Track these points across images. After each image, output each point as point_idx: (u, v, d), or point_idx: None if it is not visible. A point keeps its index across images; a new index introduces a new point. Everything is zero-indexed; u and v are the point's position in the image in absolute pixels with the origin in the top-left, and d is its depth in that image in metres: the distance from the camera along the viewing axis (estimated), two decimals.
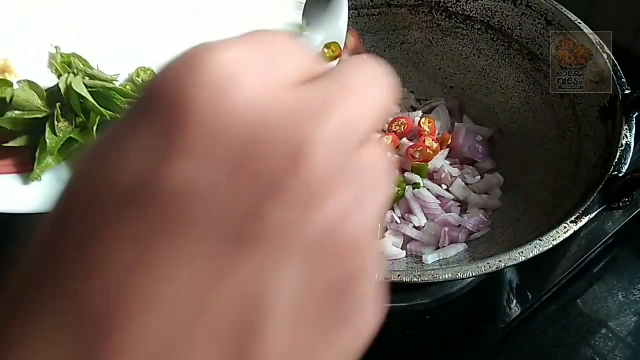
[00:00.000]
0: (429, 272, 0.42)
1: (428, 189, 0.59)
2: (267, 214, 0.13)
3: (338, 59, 0.48)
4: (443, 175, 0.60)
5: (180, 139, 0.13)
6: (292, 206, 0.13)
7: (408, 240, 0.56)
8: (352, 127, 0.15)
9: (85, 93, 0.38)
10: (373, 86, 0.16)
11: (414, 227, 0.57)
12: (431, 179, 0.60)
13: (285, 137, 0.13)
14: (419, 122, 0.64)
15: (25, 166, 0.38)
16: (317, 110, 0.14)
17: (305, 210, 0.13)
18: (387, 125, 0.65)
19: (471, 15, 0.65)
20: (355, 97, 0.15)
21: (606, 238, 0.59)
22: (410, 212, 0.58)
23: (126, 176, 0.13)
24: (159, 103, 0.14)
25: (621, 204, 0.45)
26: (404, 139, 0.64)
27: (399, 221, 0.57)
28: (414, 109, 0.68)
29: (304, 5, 0.46)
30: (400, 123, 0.64)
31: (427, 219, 0.57)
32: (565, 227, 0.43)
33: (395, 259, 0.53)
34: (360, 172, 0.15)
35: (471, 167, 0.63)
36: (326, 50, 0.48)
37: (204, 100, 0.13)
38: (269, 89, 0.14)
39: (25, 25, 0.47)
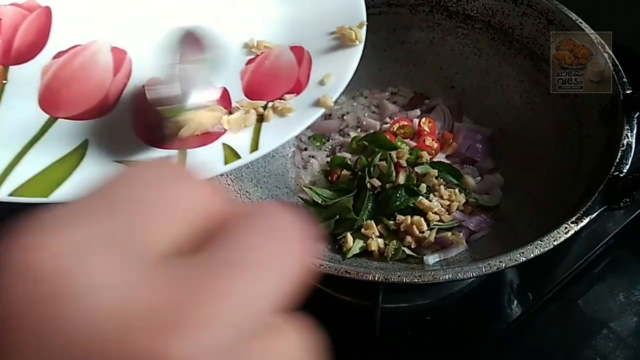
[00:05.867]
0: (430, 272, 0.42)
1: None
2: None
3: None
4: None
5: None
6: None
7: None
8: (240, 320, 0.12)
9: None
10: (277, 256, 0.13)
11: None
12: None
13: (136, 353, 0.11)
14: (419, 122, 0.64)
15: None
16: (186, 304, 0.11)
17: None
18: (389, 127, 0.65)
19: (472, 14, 0.65)
20: (248, 276, 0.12)
21: (607, 238, 0.59)
22: None
23: None
24: None
25: (622, 204, 0.45)
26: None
27: None
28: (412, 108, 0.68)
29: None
30: (401, 125, 0.64)
31: None
32: (565, 228, 0.43)
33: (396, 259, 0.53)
34: None
35: (471, 166, 0.62)
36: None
37: (35, 319, 0.11)
38: (121, 274, 0.12)
39: None
